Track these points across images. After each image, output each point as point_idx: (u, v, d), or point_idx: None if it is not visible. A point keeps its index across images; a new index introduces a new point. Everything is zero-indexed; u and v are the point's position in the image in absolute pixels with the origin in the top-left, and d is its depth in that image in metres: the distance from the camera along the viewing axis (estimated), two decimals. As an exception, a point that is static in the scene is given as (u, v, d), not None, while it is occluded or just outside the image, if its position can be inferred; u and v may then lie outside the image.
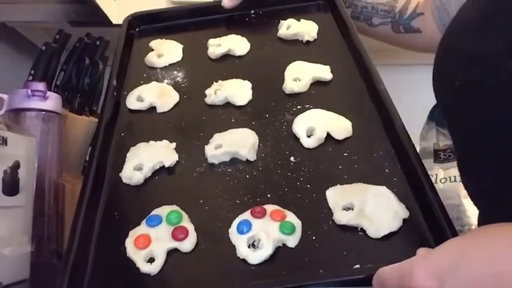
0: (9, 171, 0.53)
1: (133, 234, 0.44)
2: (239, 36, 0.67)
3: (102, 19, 0.84)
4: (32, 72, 0.78)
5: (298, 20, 0.67)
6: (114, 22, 0.85)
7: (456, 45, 0.44)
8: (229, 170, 0.50)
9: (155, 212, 0.46)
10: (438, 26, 0.64)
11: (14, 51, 1.00)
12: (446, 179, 0.75)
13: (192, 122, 0.56)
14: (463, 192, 0.67)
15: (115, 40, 0.69)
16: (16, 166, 0.54)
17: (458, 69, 0.42)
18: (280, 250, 0.42)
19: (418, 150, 0.86)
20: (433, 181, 0.82)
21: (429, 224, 0.41)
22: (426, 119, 0.76)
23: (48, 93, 0.65)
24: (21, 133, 0.57)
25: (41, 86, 0.66)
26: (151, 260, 0.42)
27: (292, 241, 0.42)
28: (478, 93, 0.39)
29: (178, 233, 0.43)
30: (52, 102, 0.65)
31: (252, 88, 0.59)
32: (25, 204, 0.56)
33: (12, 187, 0.54)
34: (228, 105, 0.57)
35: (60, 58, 0.82)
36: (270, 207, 0.44)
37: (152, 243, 0.43)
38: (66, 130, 0.72)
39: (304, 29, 0.65)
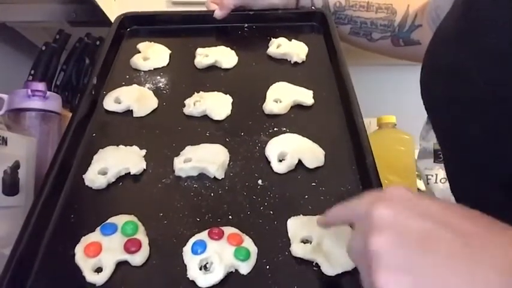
0: (9, 171, 0.53)
1: (85, 240, 0.43)
2: (228, 49, 0.67)
3: (102, 19, 0.83)
4: (32, 72, 0.78)
5: (290, 40, 0.67)
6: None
7: (436, 59, 0.45)
8: (195, 185, 0.49)
9: (111, 220, 0.45)
10: None
11: (14, 51, 1.00)
12: (445, 178, 0.74)
13: (166, 131, 0.55)
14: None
15: (111, 29, 0.69)
16: (16, 166, 0.54)
17: (437, 82, 0.43)
18: (232, 276, 0.41)
19: (418, 150, 0.87)
20: (433, 181, 0.83)
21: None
22: (426, 119, 0.76)
23: (48, 93, 0.66)
24: (21, 133, 0.57)
25: (41, 86, 0.66)
26: (99, 270, 0.41)
27: (245, 268, 0.41)
28: (454, 106, 0.41)
29: (131, 245, 0.42)
30: (52, 102, 0.66)
31: (232, 104, 0.58)
32: (25, 204, 0.55)
33: (12, 187, 0.54)
34: (205, 118, 0.57)
35: (60, 58, 0.82)
36: (228, 230, 0.44)
37: (102, 252, 0.42)
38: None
39: (293, 49, 0.65)
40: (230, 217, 0.46)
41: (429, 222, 0.28)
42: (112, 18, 0.74)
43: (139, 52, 0.66)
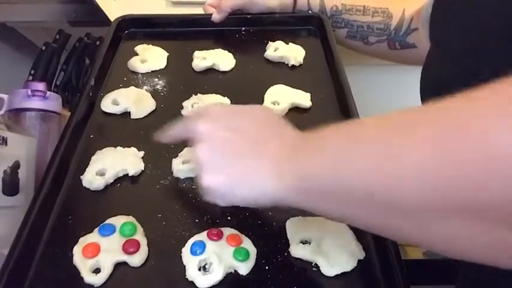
0: (9, 171, 0.53)
1: (83, 241, 0.42)
2: (226, 52, 0.67)
3: (102, 19, 0.83)
4: (32, 72, 0.78)
5: (287, 43, 0.67)
6: (113, 21, 0.85)
7: (427, 68, 0.46)
8: (193, 186, 0.49)
9: (109, 221, 0.44)
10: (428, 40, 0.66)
11: (14, 51, 0.99)
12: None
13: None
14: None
15: (108, 32, 0.69)
16: (16, 166, 0.54)
17: (428, 90, 0.45)
18: (231, 276, 0.41)
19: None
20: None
21: (383, 268, 0.40)
22: None
23: (48, 93, 0.65)
24: (21, 133, 0.57)
25: (41, 86, 0.65)
26: (97, 271, 0.41)
27: (244, 268, 0.41)
28: None
29: (129, 246, 0.42)
30: (52, 102, 0.65)
31: (230, 106, 0.58)
32: (25, 204, 0.54)
33: (12, 187, 0.53)
34: (203, 120, 0.57)
35: (60, 58, 0.82)
36: (227, 231, 0.44)
37: (101, 253, 0.41)
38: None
39: (291, 53, 0.65)
40: (229, 218, 0.46)
41: (233, 132, 0.36)
42: (112, 18, 0.74)
43: (137, 54, 0.67)
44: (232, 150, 0.36)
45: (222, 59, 0.65)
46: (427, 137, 0.23)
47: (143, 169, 0.50)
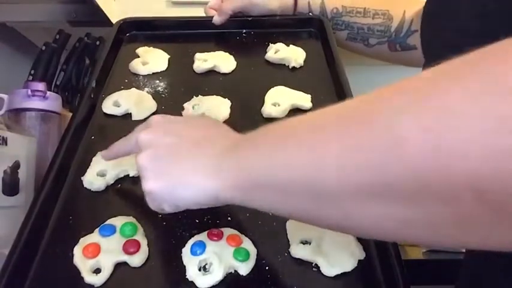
0: (9, 171, 0.53)
1: (84, 242, 0.43)
2: (227, 54, 0.67)
3: (102, 19, 0.84)
4: (32, 72, 0.78)
5: (288, 45, 0.67)
6: (114, 22, 0.85)
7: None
8: (194, 187, 0.49)
9: (110, 221, 0.44)
10: None
11: (14, 51, 1.00)
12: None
13: (165, 134, 0.55)
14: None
15: (110, 34, 0.69)
16: (16, 166, 0.54)
17: None
18: (231, 276, 0.41)
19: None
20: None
21: (383, 268, 0.40)
22: None
23: (48, 93, 0.65)
24: (21, 133, 0.57)
25: (41, 86, 0.66)
26: (97, 271, 0.41)
27: (244, 269, 0.41)
28: None
29: (130, 246, 0.42)
30: (52, 102, 0.65)
31: (231, 107, 0.58)
32: (25, 204, 0.55)
33: (12, 187, 0.53)
34: (204, 121, 0.57)
35: (60, 58, 0.82)
36: (227, 231, 0.44)
37: (101, 253, 0.41)
38: (66, 130, 0.71)
39: (291, 54, 0.65)
40: (229, 218, 0.46)
41: (173, 138, 0.37)
42: (112, 18, 0.75)
43: (139, 57, 0.67)
44: (173, 154, 0.36)
45: (223, 61, 0.65)
46: (339, 132, 0.26)
47: (144, 170, 0.50)
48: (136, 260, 0.41)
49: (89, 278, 0.40)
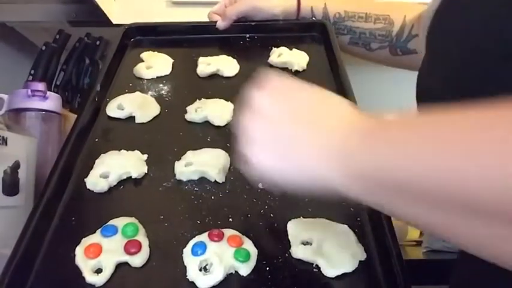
0: (9, 171, 0.53)
1: (85, 242, 0.43)
2: (230, 58, 0.67)
3: (102, 19, 0.84)
4: (32, 72, 0.78)
5: (291, 49, 0.68)
6: (114, 22, 0.86)
7: (418, 79, 0.47)
8: (196, 188, 0.49)
9: (112, 222, 0.45)
10: None
11: (14, 51, 1.01)
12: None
13: (168, 136, 0.56)
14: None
15: (115, 40, 0.70)
16: (16, 166, 0.54)
17: (419, 101, 0.45)
18: (231, 277, 0.41)
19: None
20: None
21: (384, 269, 0.40)
22: None
23: (48, 93, 0.66)
24: (21, 133, 0.57)
25: (41, 86, 0.66)
26: (98, 271, 0.41)
27: (244, 269, 0.41)
28: None
29: (131, 247, 0.42)
30: (52, 102, 0.66)
31: (234, 110, 0.58)
32: (25, 204, 0.55)
33: (12, 187, 0.54)
34: (206, 123, 0.57)
35: (60, 58, 0.82)
36: (228, 232, 0.44)
37: (102, 254, 0.42)
38: (66, 130, 0.71)
39: (294, 58, 0.65)
40: (231, 220, 0.46)
41: (291, 111, 0.34)
42: (112, 18, 0.75)
43: (143, 61, 0.67)
44: (289, 129, 0.33)
45: (226, 65, 0.66)
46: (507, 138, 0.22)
47: (146, 172, 0.51)
48: (137, 260, 0.42)
49: (90, 277, 0.40)
